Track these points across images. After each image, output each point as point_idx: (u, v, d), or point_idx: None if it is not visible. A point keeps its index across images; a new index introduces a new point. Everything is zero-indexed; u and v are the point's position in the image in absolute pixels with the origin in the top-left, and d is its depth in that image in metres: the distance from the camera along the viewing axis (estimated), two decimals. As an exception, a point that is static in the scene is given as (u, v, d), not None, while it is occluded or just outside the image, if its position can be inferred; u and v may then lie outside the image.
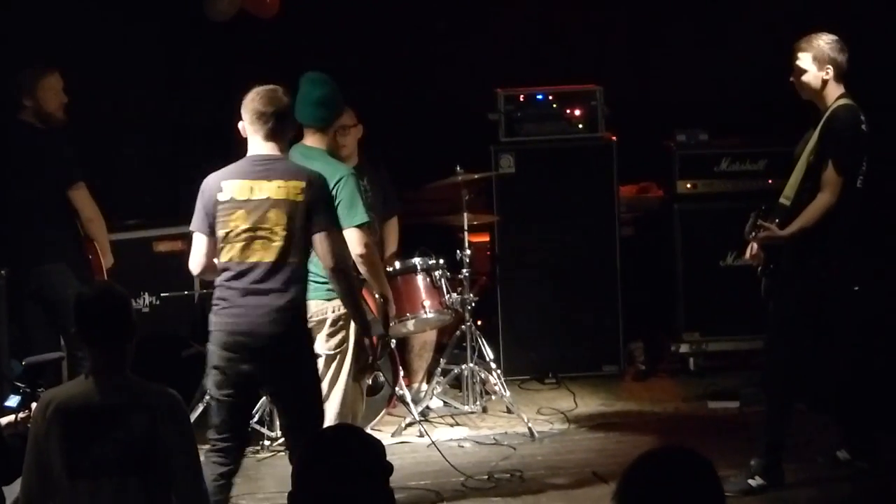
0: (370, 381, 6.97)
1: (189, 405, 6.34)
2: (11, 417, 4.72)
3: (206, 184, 5.48)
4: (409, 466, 6.97)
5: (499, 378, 7.84)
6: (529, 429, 7.49)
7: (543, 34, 9.50)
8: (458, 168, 7.80)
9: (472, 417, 7.85)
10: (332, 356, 6.08)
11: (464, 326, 7.80)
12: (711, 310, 8.50)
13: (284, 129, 5.51)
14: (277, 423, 7.18)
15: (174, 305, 8.00)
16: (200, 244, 5.50)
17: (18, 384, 4.89)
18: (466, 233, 7.86)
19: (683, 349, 8.62)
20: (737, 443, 6.90)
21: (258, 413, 7.22)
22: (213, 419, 5.48)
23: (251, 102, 5.46)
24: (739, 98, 8.80)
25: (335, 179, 5.92)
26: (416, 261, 7.62)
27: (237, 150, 5.59)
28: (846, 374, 6.74)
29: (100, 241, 7.31)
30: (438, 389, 7.93)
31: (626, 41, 9.62)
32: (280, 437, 7.12)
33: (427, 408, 7.86)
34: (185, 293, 7.87)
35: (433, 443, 7.15)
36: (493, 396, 7.96)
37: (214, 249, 5.45)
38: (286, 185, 5.38)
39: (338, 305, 5.98)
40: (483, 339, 7.86)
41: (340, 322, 6.04)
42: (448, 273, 7.69)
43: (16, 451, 4.47)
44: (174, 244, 8.05)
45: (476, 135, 8.58)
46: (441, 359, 7.93)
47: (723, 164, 8.54)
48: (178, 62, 8.95)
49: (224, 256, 5.41)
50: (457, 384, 8.09)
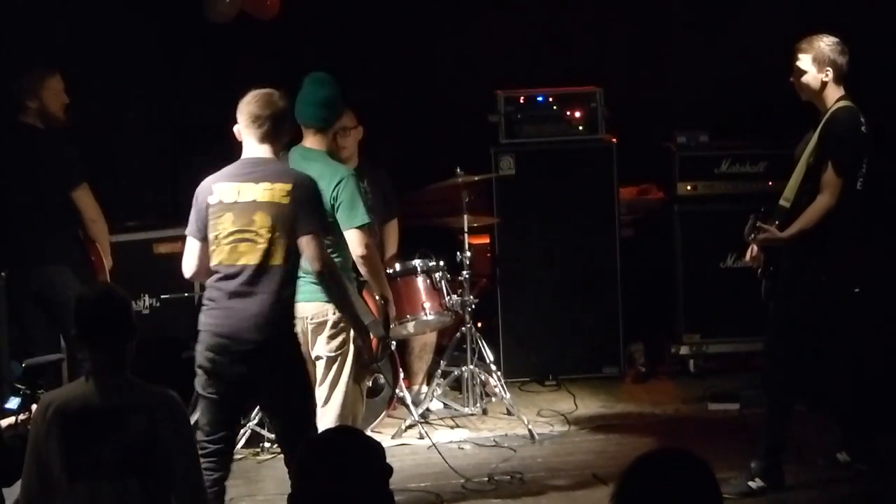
0: (370, 383, 6.97)
1: (188, 407, 6.32)
2: (11, 419, 4.73)
3: (200, 188, 5.50)
4: (409, 468, 6.96)
5: (499, 380, 7.83)
6: (529, 431, 7.49)
7: (543, 35, 9.49)
8: (459, 170, 7.79)
9: (473, 419, 7.85)
10: (333, 358, 6.06)
11: (464, 328, 7.80)
12: (711, 311, 8.49)
13: (279, 133, 5.49)
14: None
15: (174, 307, 8.00)
16: (192, 248, 5.51)
17: (18, 386, 4.90)
18: (466, 234, 7.85)
19: (683, 351, 8.61)
20: (737, 445, 6.89)
21: (257, 416, 7.22)
22: (201, 419, 5.47)
23: (247, 105, 5.45)
24: (740, 99, 8.78)
25: (336, 181, 5.91)
26: (417, 262, 7.62)
27: (237, 152, 5.59)
28: (846, 376, 6.74)
29: (101, 243, 7.31)
30: (438, 391, 7.92)
31: (626, 43, 9.61)
32: (280, 439, 7.12)
33: (427, 410, 7.85)
34: (185, 295, 7.87)
35: (433, 445, 7.13)
36: (494, 398, 7.95)
37: (206, 254, 5.44)
38: (272, 188, 5.36)
39: (338, 307, 5.98)
40: (483, 341, 7.85)
41: (341, 324, 6.01)
42: (448, 275, 7.69)
43: (16, 453, 4.47)
44: (174, 246, 8.01)
45: (476, 136, 8.58)
46: (441, 360, 7.92)
47: (723, 166, 8.53)
48: (178, 63, 8.94)
49: (214, 259, 5.41)
50: (457, 386, 8.08)
